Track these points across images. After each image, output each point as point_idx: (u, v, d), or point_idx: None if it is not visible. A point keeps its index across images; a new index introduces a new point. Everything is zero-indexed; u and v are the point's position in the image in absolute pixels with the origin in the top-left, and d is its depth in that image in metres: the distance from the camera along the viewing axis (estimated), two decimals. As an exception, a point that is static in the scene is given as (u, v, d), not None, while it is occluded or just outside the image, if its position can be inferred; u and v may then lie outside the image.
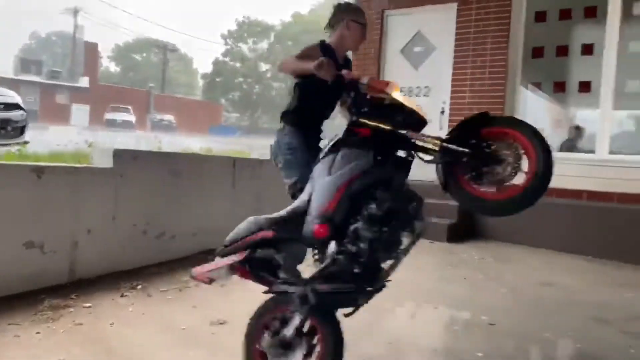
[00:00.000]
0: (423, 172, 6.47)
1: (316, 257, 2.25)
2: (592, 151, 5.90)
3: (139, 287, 3.77)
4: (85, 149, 5.06)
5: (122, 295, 3.58)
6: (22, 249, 3.46)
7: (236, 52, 52.38)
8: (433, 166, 2.39)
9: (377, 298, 3.82)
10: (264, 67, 51.81)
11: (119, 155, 4.08)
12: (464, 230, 6.27)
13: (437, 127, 6.84)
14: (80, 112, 35.54)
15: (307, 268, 2.31)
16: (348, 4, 3.15)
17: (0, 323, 2.97)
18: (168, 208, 4.50)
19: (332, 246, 2.15)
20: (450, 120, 6.68)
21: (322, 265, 2.17)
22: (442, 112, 6.82)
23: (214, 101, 51.02)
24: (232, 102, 54.46)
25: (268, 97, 52.41)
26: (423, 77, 7.03)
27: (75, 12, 45.55)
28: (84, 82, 37.68)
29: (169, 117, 37.79)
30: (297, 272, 2.31)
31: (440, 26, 6.87)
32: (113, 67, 70.50)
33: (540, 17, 6.31)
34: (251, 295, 3.67)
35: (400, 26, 7.24)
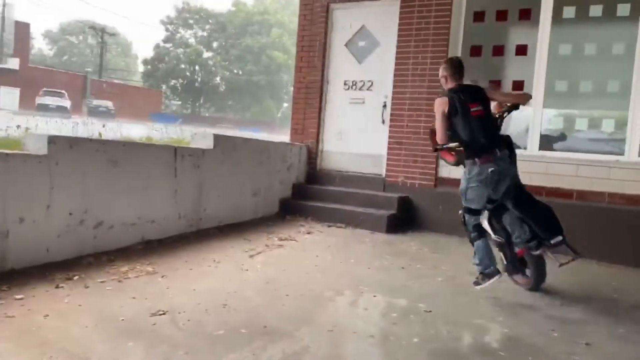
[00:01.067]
0: (360, 165, 6.56)
1: None
2: (524, 147, 6.21)
3: (76, 277, 3.67)
4: (17, 135, 4.81)
5: (57, 287, 3.47)
6: (-53, 239, 3.28)
7: (178, 38, 51.01)
8: (370, 159, 2.46)
9: (317, 287, 3.91)
10: (206, 54, 50.72)
11: (54, 141, 3.93)
12: (403, 222, 6.47)
13: (380, 121, 7.00)
14: (9, 95, 33.57)
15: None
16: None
17: None
18: (106, 197, 4.38)
19: None
20: (391, 114, 6.84)
21: None
22: (385, 106, 6.97)
23: (154, 88, 49.53)
24: (173, 89, 53.05)
25: (212, 85, 51.40)
26: (367, 72, 7.16)
27: (4, -12, 42.77)
28: (13, 63, 35.57)
29: (106, 103, 36.41)
30: None
31: (384, 22, 7.01)
32: (46, 50, 67.03)
33: (478, 17, 6.56)
34: (188, 287, 3.68)
35: (346, 20, 7.33)
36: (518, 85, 6.33)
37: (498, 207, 4.13)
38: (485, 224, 4.16)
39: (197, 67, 50.48)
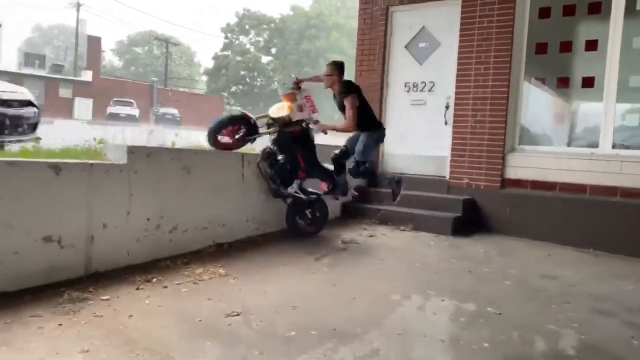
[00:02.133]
0: (422, 168, 6.55)
1: None
2: (595, 145, 5.97)
3: (154, 280, 3.88)
4: (96, 145, 5.15)
5: (138, 288, 3.69)
6: (41, 243, 3.57)
7: (237, 45, 52.27)
8: (433, 161, 2.49)
9: (384, 290, 3.94)
10: (264, 59, 51.73)
11: (133, 151, 4.18)
12: (469, 224, 6.38)
13: (442, 122, 6.93)
14: (83, 105, 35.64)
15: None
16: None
17: (23, 315, 3.08)
18: (180, 203, 4.61)
19: None
20: (454, 115, 6.75)
21: None
22: (447, 107, 6.90)
23: (216, 94, 51.05)
24: (234, 94, 54.45)
25: (269, 89, 52.38)
26: (428, 73, 7.11)
27: (78, 5, 45.53)
28: (86, 75, 37.75)
29: (173, 111, 37.88)
30: None
31: (444, 22, 6.94)
32: (116, 61, 70.52)
33: (544, 13, 6.37)
34: (259, 289, 3.81)
35: (405, 22, 7.31)
36: (588, 81, 6.10)
37: None
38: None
39: (255, 73, 51.61)
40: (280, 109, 5.11)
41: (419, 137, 7.16)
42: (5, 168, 3.37)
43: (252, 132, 5.11)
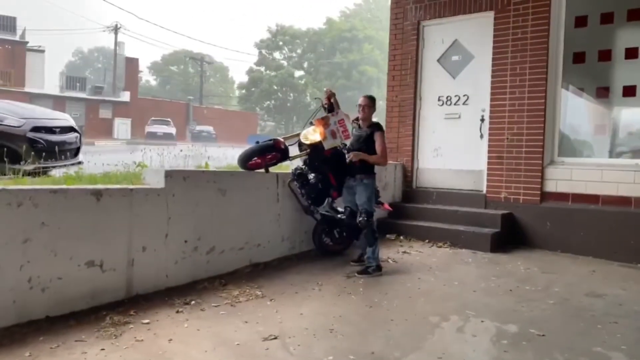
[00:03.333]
0: (458, 182, 6.46)
1: None
2: (639, 156, 5.77)
3: (193, 302, 3.93)
4: (136, 169, 5.27)
5: (177, 311, 3.74)
6: (84, 267, 3.66)
7: (270, 60, 52.97)
8: (469, 176, 2.44)
9: (422, 311, 3.88)
10: (297, 73, 52.23)
11: (170, 175, 4.26)
12: (508, 240, 6.23)
13: (478, 136, 6.82)
14: (122, 125, 36.66)
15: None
16: None
17: (67, 339, 3.16)
18: (217, 224, 4.67)
19: None
20: (490, 129, 6.64)
21: None
22: (482, 120, 6.79)
23: (250, 110, 51.76)
24: (267, 110, 55.10)
25: (302, 103, 52.80)
26: (461, 86, 7.03)
27: (116, 29, 47.09)
28: (125, 96, 38.90)
29: (208, 128, 38.61)
30: None
31: (477, 35, 6.86)
32: (152, 80, 72.37)
33: (580, 21, 6.23)
34: (296, 311, 3.81)
35: (437, 36, 7.27)
36: (630, 90, 5.91)
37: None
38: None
39: (288, 88, 52.15)
40: (312, 135, 5.10)
41: (454, 151, 7.07)
42: (48, 196, 3.49)
43: (284, 157, 5.14)
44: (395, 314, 3.84)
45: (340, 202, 5.40)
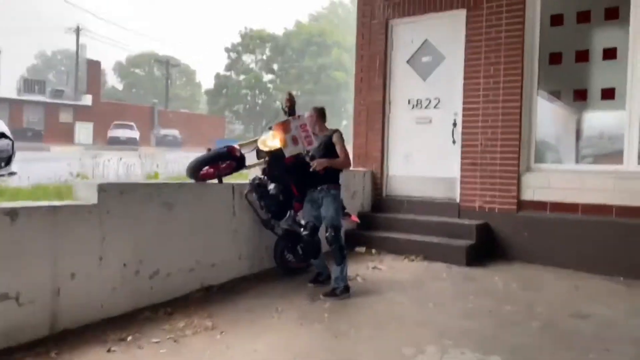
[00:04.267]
0: (430, 190, 6.03)
1: None
2: (619, 162, 5.46)
3: (129, 338, 3.38)
4: (75, 181, 4.69)
5: (109, 350, 3.18)
6: (-5, 302, 3.07)
7: (239, 64, 52.19)
8: (442, 183, 1.98)
9: (394, 341, 3.41)
10: (266, 77, 51.57)
11: (105, 189, 3.70)
12: (484, 252, 5.85)
13: (450, 141, 6.44)
14: (84, 130, 35.40)
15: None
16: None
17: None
18: (162, 243, 4.12)
19: None
20: (463, 133, 6.26)
21: None
22: (455, 125, 6.40)
23: (218, 114, 50.80)
24: (236, 113, 54.23)
25: (272, 107, 52.18)
26: (432, 88, 6.63)
27: (78, 30, 45.60)
28: (87, 99, 37.56)
29: (173, 132, 37.59)
30: None
31: (449, 34, 6.48)
32: (117, 83, 70.58)
33: (556, 20, 5.91)
34: (250, 347, 3.30)
35: (407, 36, 6.86)
36: (608, 93, 5.61)
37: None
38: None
39: (257, 91, 51.38)
40: (270, 141, 4.58)
41: (425, 157, 6.66)
42: (-53, 218, 2.90)
43: (240, 165, 4.61)
44: (365, 345, 3.37)
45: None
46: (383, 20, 6.95)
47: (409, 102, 6.81)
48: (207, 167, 4.50)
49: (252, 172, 5.06)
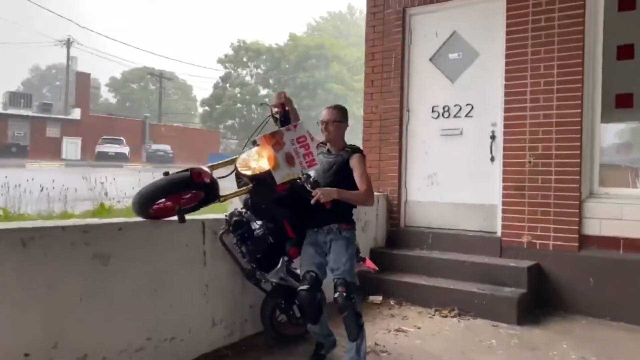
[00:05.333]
0: (461, 220, 4.61)
1: None
2: None
3: None
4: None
5: None
6: None
7: (234, 77, 51.05)
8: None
9: None
10: (262, 90, 50.37)
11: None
12: (537, 302, 4.50)
13: (488, 158, 5.10)
14: (71, 145, 33.97)
15: None
16: None
17: None
18: (91, 315, 2.73)
19: None
20: (505, 148, 4.93)
21: None
22: (493, 137, 5.07)
23: (212, 128, 49.51)
24: (231, 128, 52.97)
25: (269, 121, 50.84)
26: (463, 93, 5.31)
27: (68, 43, 44.41)
28: (75, 113, 36.19)
29: (164, 147, 36.15)
30: None
31: (483, 24, 5.18)
32: (111, 98, 69.49)
33: (626, 4, 4.62)
34: None
35: (429, 27, 5.54)
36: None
37: None
38: None
39: (253, 106, 50.11)
40: (256, 161, 3.22)
41: (455, 179, 5.32)
42: None
43: (210, 196, 3.21)
44: None
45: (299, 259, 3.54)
46: (399, 9, 5.64)
47: (433, 109, 5.47)
48: (162, 200, 3.12)
49: (232, 203, 3.69)
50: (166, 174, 3.14)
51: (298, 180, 3.29)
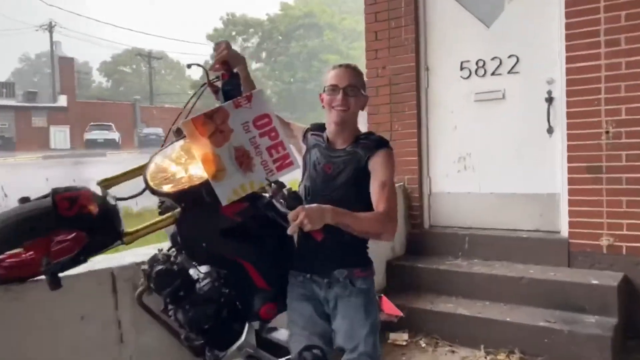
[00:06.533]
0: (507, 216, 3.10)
1: None
2: None
3: None
4: None
5: None
6: None
7: (225, 53, 49.23)
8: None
9: None
10: (255, 65, 48.52)
11: None
12: (633, 333, 3.13)
13: (543, 129, 3.67)
14: (59, 133, 32.51)
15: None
16: None
17: None
18: None
19: None
20: (569, 115, 3.50)
21: None
22: (550, 100, 3.63)
23: (208, 107, 47.92)
24: (225, 106, 51.43)
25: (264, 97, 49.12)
26: (503, 40, 3.84)
27: (50, 27, 42.48)
28: (62, 100, 34.58)
29: (156, 130, 34.47)
30: None
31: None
32: (104, 83, 67.81)
33: None
34: None
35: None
36: None
37: None
38: None
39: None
40: (181, 166, 1.82)
41: (496, 161, 3.90)
42: None
43: (102, 237, 1.79)
44: None
45: (280, 319, 2.13)
46: None
47: (462, 66, 4.00)
48: (13, 252, 1.72)
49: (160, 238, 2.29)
50: (24, 200, 1.74)
51: (262, 195, 1.90)
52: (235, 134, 1.72)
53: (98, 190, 1.91)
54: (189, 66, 2.25)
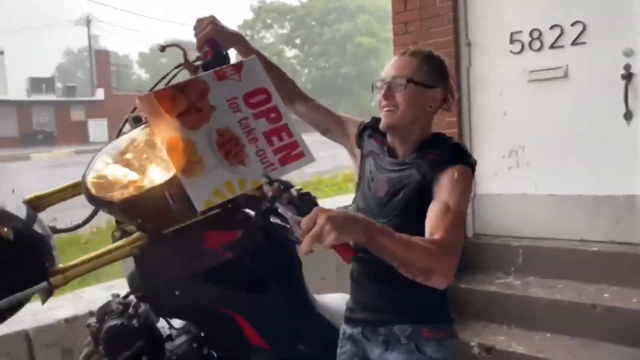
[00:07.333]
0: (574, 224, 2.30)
1: None
2: None
3: None
4: None
5: None
6: None
7: (259, 39, 48.87)
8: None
9: None
10: (289, 52, 48.10)
11: None
12: None
13: (620, 114, 2.91)
14: (97, 127, 32.97)
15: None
16: None
17: None
18: None
19: None
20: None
21: None
22: (628, 77, 2.86)
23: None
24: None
25: (298, 83, 48.77)
26: (565, 4, 3.08)
27: (88, 21, 43.17)
28: (99, 94, 35.09)
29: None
30: None
31: None
32: (143, 74, 68.99)
33: None
34: None
35: None
36: None
37: None
38: None
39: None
40: (137, 160, 1.24)
41: (557, 155, 3.17)
42: None
43: (23, 277, 1.19)
44: None
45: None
46: None
47: (512, 38, 3.26)
48: None
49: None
50: None
51: (261, 200, 1.35)
52: (218, 113, 1.13)
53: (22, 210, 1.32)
54: (162, 49, 1.70)
